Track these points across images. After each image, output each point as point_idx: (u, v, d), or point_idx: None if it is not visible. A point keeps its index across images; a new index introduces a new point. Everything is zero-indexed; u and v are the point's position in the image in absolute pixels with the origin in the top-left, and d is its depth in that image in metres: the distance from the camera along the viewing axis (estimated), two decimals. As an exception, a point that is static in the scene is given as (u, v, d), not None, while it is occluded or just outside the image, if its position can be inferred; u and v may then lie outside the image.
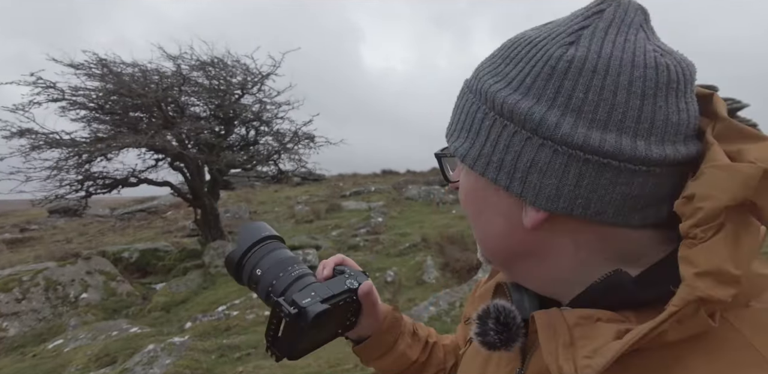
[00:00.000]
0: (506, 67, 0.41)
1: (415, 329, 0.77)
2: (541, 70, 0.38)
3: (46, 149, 6.76)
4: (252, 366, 3.70)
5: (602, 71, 0.36)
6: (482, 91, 0.42)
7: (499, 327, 0.46)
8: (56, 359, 4.53)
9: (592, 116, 0.36)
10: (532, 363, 0.46)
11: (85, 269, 6.60)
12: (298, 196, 13.81)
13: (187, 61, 7.79)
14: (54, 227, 15.01)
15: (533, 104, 0.38)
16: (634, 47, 0.36)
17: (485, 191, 0.44)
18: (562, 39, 0.38)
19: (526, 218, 0.41)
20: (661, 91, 0.36)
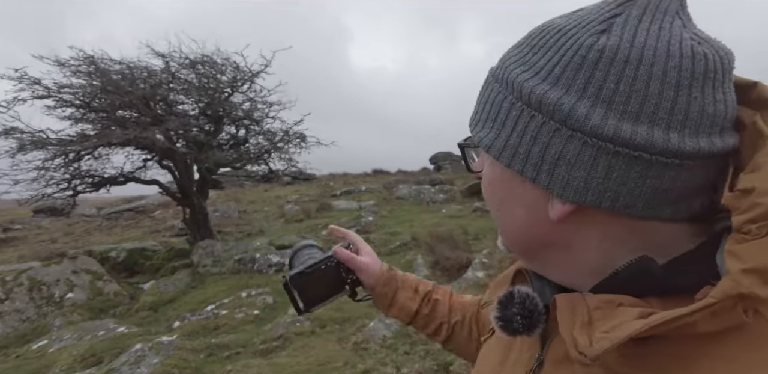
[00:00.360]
0: (534, 56, 0.40)
1: (417, 285, 0.88)
2: (570, 60, 0.37)
3: (32, 150, 6.64)
4: (241, 365, 3.68)
5: (635, 61, 0.34)
6: (509, 80, 0.41)
7: (523, 311, 0.46)
8: (40, 360, 4.46)
9: (624, 107, 0.35)
10: (552, 349, 0.46)
11: (70, 268, 6.50)
12: (288, 195, 13.75)
13: (176, 59, 7.72)
14: (39, 226, 14.76)
15: (562, 94, 0.37)
16: (669, 36, 0.35)
17: (510, 183, 0.43)
18: (593, 27, 0.37)
19: (553, 210, 0.40)
20: (697, 82, 0.35)
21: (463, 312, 0.87)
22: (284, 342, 4.10)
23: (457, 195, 11.14)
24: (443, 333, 0.87)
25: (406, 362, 3.59)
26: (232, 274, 6.47)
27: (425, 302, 0.87)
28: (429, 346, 3.82)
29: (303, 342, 4.07)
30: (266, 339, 4.22)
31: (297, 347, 3.99)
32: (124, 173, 7.65)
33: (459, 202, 10.58)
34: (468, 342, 0.86)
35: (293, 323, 4.41)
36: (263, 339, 4.23)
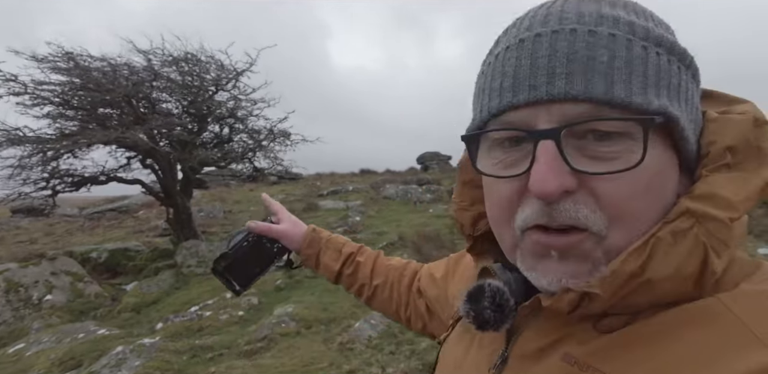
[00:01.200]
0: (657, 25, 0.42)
1: (342, 247, 0.93)
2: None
3: (7, 147, 6.47)
4: (224, 367, 3.64)
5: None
6: (676, 47, 0.40)
7: (494, 306, 0.45)
8: (16, 364, 4.35)
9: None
10: (517, 346, 0.47)
11: (49, 270, 6.35)
12: (275, 195, 13.64)
13: (159, 57, 7.59)
14: (17, 227, 14.40)
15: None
16: None
17: (673, 167, 0.41)
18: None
19: (681, 186, 0.41)
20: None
21: (385, 276, 0.91)
22: (269, 343, 4.07)
23: (444, 195, 11.19)
24: (365, 294, 0.91)
25: (392, 362, 3.59)
26: (216, 274, 6.40)
27: (348, 263, 0.92)
28: (414, 346, 3.82)
29: (288, 343, 4.04)
30: (251, 340, 4.18)
31: (282, 348, 3.96)
32: (106, 172, 7.51)
33: (446, 202, 10.62)
34: (389, 303, 0.89)
35: (278, 324, 4.38)
36: (248, 340, 4.19)
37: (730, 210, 0.37)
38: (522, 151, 0.41)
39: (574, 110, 0.37)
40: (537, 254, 0.41)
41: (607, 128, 0.37)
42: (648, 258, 0.36)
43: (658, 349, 0.37)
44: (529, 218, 0.40)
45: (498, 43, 0.45)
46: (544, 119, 0.38)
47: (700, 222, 0.36)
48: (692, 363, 0.34)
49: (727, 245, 0.37)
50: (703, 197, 0.37)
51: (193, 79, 7.75)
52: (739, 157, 0.39)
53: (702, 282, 0.37)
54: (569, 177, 0.37)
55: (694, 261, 0.36)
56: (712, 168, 0.39)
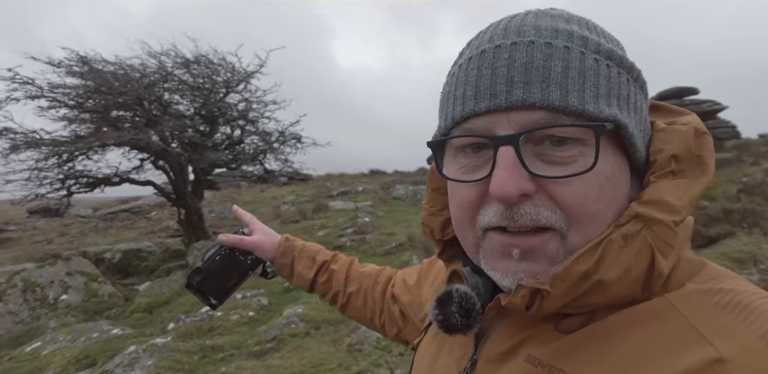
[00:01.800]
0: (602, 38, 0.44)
1: (315, 255, 0.93)
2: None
3: (25, 149, 6.61)
4: (234, 367, 3.67)
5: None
6: (625, 62, 0.43)
7: (461, 310, 0.47)
8: (33, 362, 4.44)
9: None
10: (486, 349, 0.48)
11: (65, 270, 6.47)
12: (285, 196, 13.72)
13: (171, 58, 7.70)
14: (33, 227, 14.70)
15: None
16: None
17: (624, 172, 0.43)
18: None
19: (633, 192, 0.44)
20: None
21: (359, 283, 0.91)
22: (278, 344, 4.10)
23: (453, 195, 11.17)
24: (339, 301, 0.91)
25: (401, 363, 3.59)
26: (227, 275, 6.46)
27: (322, 271, 0.92)
28: (423, 347, 3.82)
29: (297, 344, 4.06)
30: (260, 340, 4.22)
31: (291, 348, 3.98)
32: (119, 173, 7.62)
33: (455, 202, 10.60)
34: (363, 310, 0.89)
35: (288, 324, 4.40)
36: (257, 341, 4.22)
37: (674, 214, 0.39)
38: (484, 157, 0.43)
39: (532, 117, 0.39)
40: (498, 253, 0.43)
41: (563, 134, 0.39)
42: (599, 259, 0.38)
43: (611, 348, 0.38)
44: (492, 219, 0.42)
45: (462, 55, 0.47)
46: (504, 126, 0.40)
47: (648, 226, 0.39)
48: (641, 361, 0.36)
49: (672, 246, 0.39)
50: (651, 203, 0.40)
51: (204, 81, 7.84)
52: (682, 165, 0.42)
53: (650, 282, 0.39)
54: (527, 182, 0.39)
55: (642, 262, 0.38)
56: (659, 175, 0.42)
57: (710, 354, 0.34)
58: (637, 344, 0.38)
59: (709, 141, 0.44)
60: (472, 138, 0.43)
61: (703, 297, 0.39)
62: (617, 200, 0.42)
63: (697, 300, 0.39)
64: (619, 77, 0.41)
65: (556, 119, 0.39)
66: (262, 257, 0.90)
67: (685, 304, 0.38)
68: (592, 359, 0.39)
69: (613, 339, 0.39)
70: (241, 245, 0.88)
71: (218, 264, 0.85)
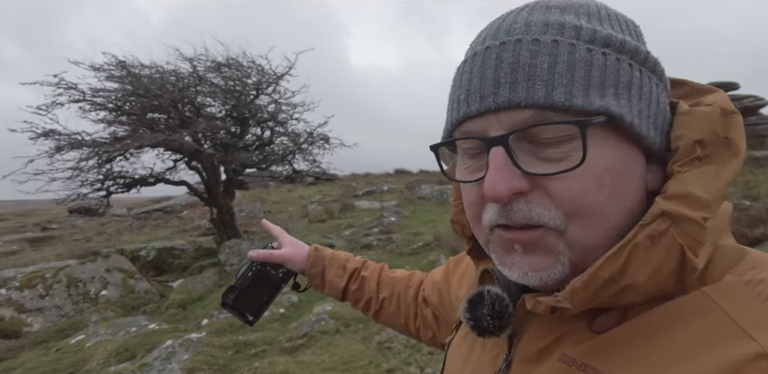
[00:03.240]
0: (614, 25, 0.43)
1: (346, 263, 0.93)
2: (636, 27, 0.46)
3: (68, 150, 6.93)
4: (267, 363, 3.75)
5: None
6: (623, 43, 0.41)
7: (493, 313, 0.47)
8: (78, 353, 4.65)
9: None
10: (520, 349, 0.48)
11: (104, 266, 6.75)
12: (312, 195, 13.91)
13: (203, 62, 7.93)
14: (73, 226, 15.36)
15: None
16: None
17: (631, 161, 0.41)
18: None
19: (652, 178, 0.43)
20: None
21: (391, 288, 0.90)
22: (309, 341, 4.17)
23: (479, 195, 11.08)
24: (372, 308, 0.91)
25: (430, 362, 3.60)
26: (257, 273, 6.60)
27: (353, 278, 0.91)
28: (453, 347, 3.82)
29: (328, 341, 4.12)
30: (291, 337, 4.30)
31: (322, 345, 4.04)
32: (154, 174, 7.90)
33: (482, 202, 10.51)
34: (396, 316, 0.89)
35: (318, 321, 4.47)
36: (288, 337, 4.30)
37: (704, 210, 0.38)
38: (484, 158, 0.43)
39: (520, 116, 0.39)
40: (504, 248, 0.44)
41: (552, 132, 0.39)
42: (625, 264, 0.37)
43: (648, 346, 0.38)
44: (492, 217, 0.43)
45: (465, 55, 0.48)
46: (495, 127, 0.40)
47: (676, 223, 0.37)
48: (679, 359, 0.36)
49: (703, 243, 0.38)
50: (677, 197, 0.38)
51: (235, 84, 8.04)
52: (708, 149, 0.40)
53: (683, 279, 0.38)
54: (519, 180, 0.39)
55: (671, 260, 0.37)
56: (683, 163, 0.40)
57: (753, 348, 0.33)
58: (674, 341, 0.37)
59: (739, 120, 0.42)
60: (468, 140, 0.44)
61: (744, 288, 0.38)
62: (624, 192, 0.40)
63: (737, 293, 0.37)
64: (618, 64, 0.40)
65: (543, 116, 0.38)
66: (293, 270, 0.91)
67: (725, 297, 0.37)
68: (629, 357, 0.38)
69: (650, 336, 0.38)
70: (271, 259, 0.89)
71: (251, 281, 0.86)
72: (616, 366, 0.39)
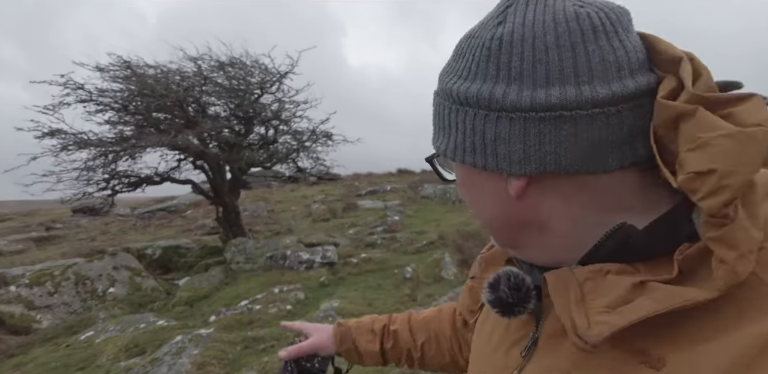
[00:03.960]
0: (457, 63, 0.44)
1: (372, 325, 0.90)
2: (480, 55, 0.41)
3: (75, 150, 6.99)
4: (277, 357, 3.80)
5: (529, 38, 0.38)
6: (445, 90, 0.45)
7: (510, 285, 0.48)
8: (88, 349, 4.70)
9: (533, 78, 0.38)
10: (546, 327, 0.47)
11: (111, 264, 6.81)
12: (315, 195, 13.96)
13: (207, 62, 7.99)
14: (77, 225, 15.42)
15: (481, 85, 0.40)
16: (553, 9, 0.39)
17: (472, 177, 0.47)
18: (491, 23, 0.41)
19: (511, 188, 0.43)
20: (588, 37, 0.37)
21: (426, 331, 0.87)
22: (317, 336, 4.22)
23: (482, 194, 11.10)
24: (415, 358, 0.87)
25: (438, 356, 3.65)
26: (264, 271, 6.65)
27: (385, 337, 0.88)
28: (460, 342, 3.87)
29: (335, 336, 4.17)
30: (299, 333, 4.35)
31: (330, 341, 4.09)
32: (160, 173, 7.96)
33: (485, 201, 10.54)
34: (441, 356, 0.85)
35: (325, 317, 4.52)
36: (297, 333, 4.34)
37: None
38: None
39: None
40: None
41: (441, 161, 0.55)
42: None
43: (683, 318, 0.36)
44: None
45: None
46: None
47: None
48: (716, 331, 0.34)
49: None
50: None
51: (239, 83, 8.09)
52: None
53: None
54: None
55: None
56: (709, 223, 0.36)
57: None
58: (709, 312, 0.35)
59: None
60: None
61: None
62: (477, 202, 0.49)
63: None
64: (440, 109, 0.47)
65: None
66: (328, 355, 0.89)
67: (764, 267, 0.35)
68: (659, 330, 0.37)
69: (682, 309, 0.35)
70: (302, 352, 0.87)
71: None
72: (648, 340, 0.37)
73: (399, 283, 5.58)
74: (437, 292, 5.18)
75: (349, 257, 6.72)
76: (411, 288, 5.36)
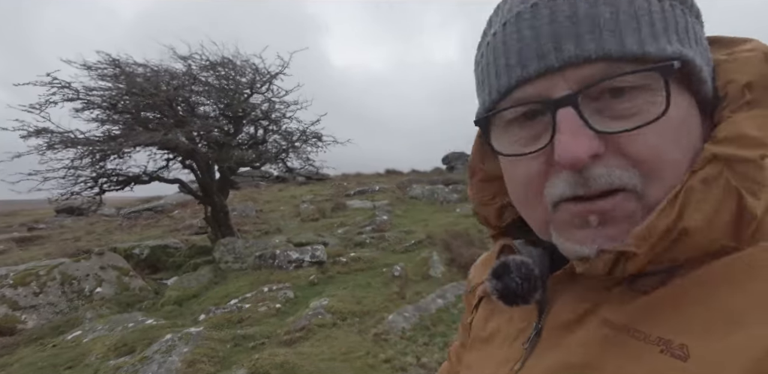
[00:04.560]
0: None
1: None
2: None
3: (61, 149, 6.92)
4: (267, 354, 3.84)
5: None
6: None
7: (521, 274, 0.46)
8: (76, 349, 4.68)
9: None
10: (551, 317, 0.45)
11: (98, 264, 6.76)
12: (303, 195, 13.96)
13: (197, 61, 7.97)
14: (61, 225, 15.19)
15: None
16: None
17: (695, 110, 0.40)
18: None
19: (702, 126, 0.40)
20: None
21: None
22: (307, 333, 4.27)
23: (470, 195, 11.25)
24: None
25: (426, 352, 3.73)
26: (253, 270, 6.67)
27: None
28: (447, 338, 3.96)
29: (325, 334, 4.23)
30: (289, 330, 4.39)
31: (320, 338, 4.15)
32: (148, 172, 7.92)
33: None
34: None
35: (315, 315, 4.57)
36: (286, 331, 4.40)
37: (760, 147, 0.35)
38: (540, 123, 0.40)
39: (590, 70, 0.36)
40: (575, 224, 0.39)
41: (625, 84, 0.36)
42: (681, 209, 0.35)
43: (700, 307, 0.34)
44: (564, 190, 0.38)
45: (492, 24, 0.44)
46: (561, 87, 0.37)
47: (728, 166, 0.35)
48: (741, 321, 0.32)
49: (763, 184, 0.35)
50: (727, 140, 0.36)
51: (229, 83, 8.09)
52: (757, 93, 0.38)
53: (740, 228, 0.35)
54: (595, 141, 0.36)
55: (729, 205, 0.35)
56: (733, 108, 0.38)
57: None
58: (732, 301, 0.33)
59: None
60: (526, 106, 0.39)
61: None
62: (693, 145, 0.38)
63: None
64: (673, 10, 0.38)
65: (616, 68, 0.36)
66: None
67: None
68: (678, 319, 0.35)
69: (702, 294, 0.35)
70: None
71: None
72: (665, 327, 0.35)
73: (388, 281, 5.65)
74: (425, 290, 5.26)
75: (338, 256, 6.78)
76: (399, 286, 5.44)
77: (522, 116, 0.41)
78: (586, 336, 0.40)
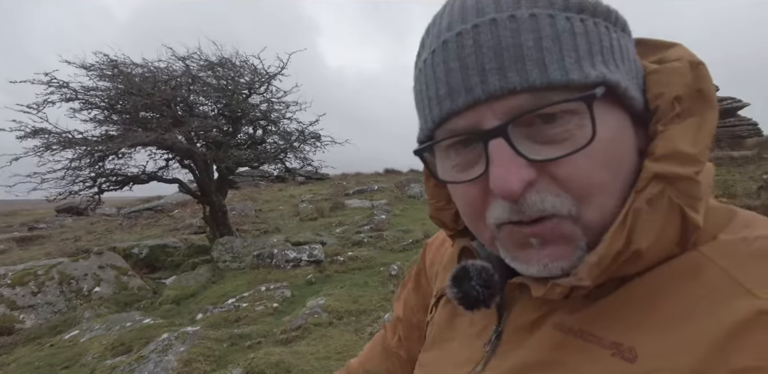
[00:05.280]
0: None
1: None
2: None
3: (59, 150, 6.93)
4: (263, 353, 3.86)
5: None
6: (588, 5, 0.38)
7: (481, 282, 0.46)
8: (73, 348, 4.70)
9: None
10: (511, 320, 0.47)
11: (97, 263, 6.77)
12: (302, 194, 13.98)
13: (196, 61, 7.98)
14: (61, 225, 15.23)
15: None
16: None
17: (626, 128, 0.40)
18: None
19: (637, 139, 0.41)
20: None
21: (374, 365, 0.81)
22: (303, 333, 4.28)
23: (469, 194, 11.25)
24: None
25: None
26: (251, 269, 6.68)
27: None
28: (442, 337, 3.96)
29: (321, 333, 4.24)
30: (286, 329, 4.41)
31: (316, 337, 4.16)
32: (147, 172, 7.94)
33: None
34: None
35: (311, 315, 4.59)
36: (283, 330, 4.41)
37: (694, 164, 0.37)
38: (475, 151, 0.40)
39: (516, 102, 0.36)
40: (517, 244, 0.41)
41: (554, 110, 0.36)
42: (630, 231, 0.36)
43: (647, 309, 0.37)
44: (501, 216, 0.39)
45: (423, 46, 0.43)
46: (490, 118, 0.37)
47: (670, 184, 0.36)
48: (683, 319, 0.35)
49: (700, 198, 0.37)
50: (665, 158, 0.37)
51: (228, 83, 8.10)
52: (685, 104, 0.39)
53: (685, 239, 0.38)
54: (527, 169, 0.37)
55: (674, 222, 0.37)
56: (665, 121, 0.39)
57: (757, 305, 0.33)
58: (674, 302, 0.36)
59: (706, 71, 0.40)
60: (458, 137, 0.40)
61: (741, 246, 0.37)
62: (625, 161, 0.39)
63: (734, 250, 0.37)
64: (597, 28, 0.38)
65: (541, 98, 0.36)
66: None
67: (722, 255, 0.36)
68: (628, 322, 0.37)
69: (648, 299, 0.37)
70: None
71: None
72: (616, 331, 0.38)
73: (385, 280, 5.66)
74: (422, 289, 5.26)
75: (336, 255, 6.79)
76: (395, 285, 5.45)
77: (458, 143, 0.41)
78: (540, 339, 0.42)
